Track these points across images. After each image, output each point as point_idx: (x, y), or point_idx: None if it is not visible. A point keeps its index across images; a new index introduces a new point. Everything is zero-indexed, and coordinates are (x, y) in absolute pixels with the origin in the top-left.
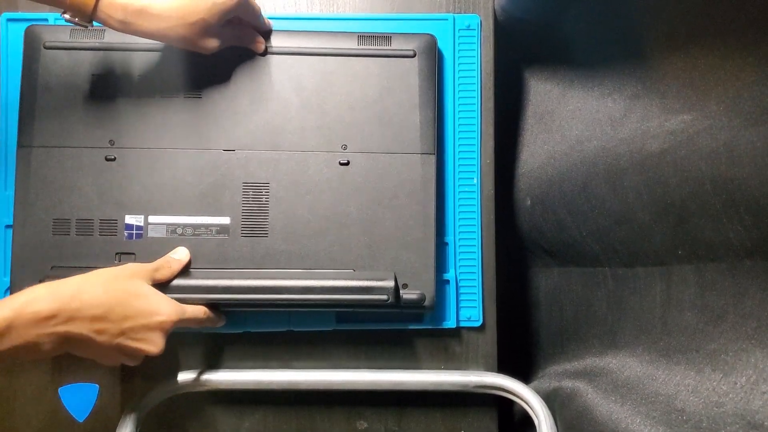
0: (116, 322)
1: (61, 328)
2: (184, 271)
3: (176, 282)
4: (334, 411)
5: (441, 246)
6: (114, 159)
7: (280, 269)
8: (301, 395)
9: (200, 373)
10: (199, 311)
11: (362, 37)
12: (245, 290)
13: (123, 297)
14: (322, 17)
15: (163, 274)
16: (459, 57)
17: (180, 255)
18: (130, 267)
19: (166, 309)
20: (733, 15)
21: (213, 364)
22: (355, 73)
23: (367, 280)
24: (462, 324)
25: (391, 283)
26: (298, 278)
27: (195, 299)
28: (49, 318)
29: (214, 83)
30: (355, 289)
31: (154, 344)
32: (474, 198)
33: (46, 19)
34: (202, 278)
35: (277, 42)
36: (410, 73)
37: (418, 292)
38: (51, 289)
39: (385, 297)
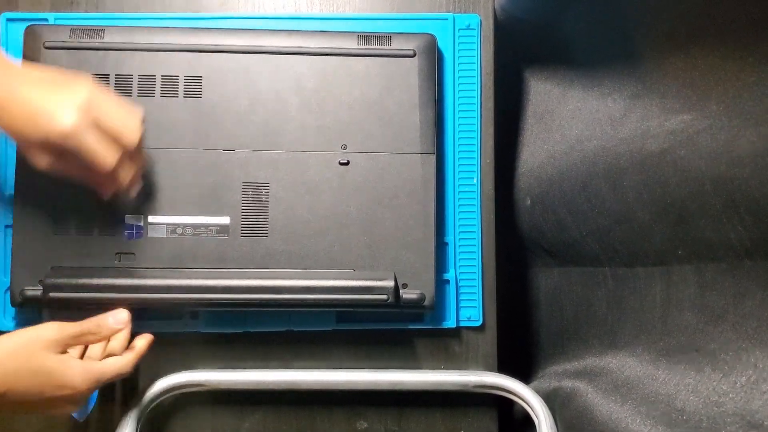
0: (18, 399)
1: None
2: (183, 271)
3: (175, 283)
4: (334, 411)
5: (441, 246)
6: None
7: (280, 269)
8: (301, 395)
9: (200, 373)
10: (123, 365)
11: (362, 36)
12: (245, 290)
13: (23, 376)
14: (321, 17)
15: (88, 340)
16: (459, 57)
17: (117, 320)
18: (41, 335)
19: (75, 382)
20: (734, 15)
21: (213, 364)
22: (355, 73)
23: (367, 279)
24: (462, 324)
25: (390, 283)
26: (298, 278)
27: (194, 299)
28: None
29: (213, 83)
30: (355, 289)
31: (69, 409)
32: (474, 198)
33: (46, 19)
34: (202, 278)
35: (277, 42)
36: (410, 73)
37: (418, 291)
38: None
39: (384, 297)
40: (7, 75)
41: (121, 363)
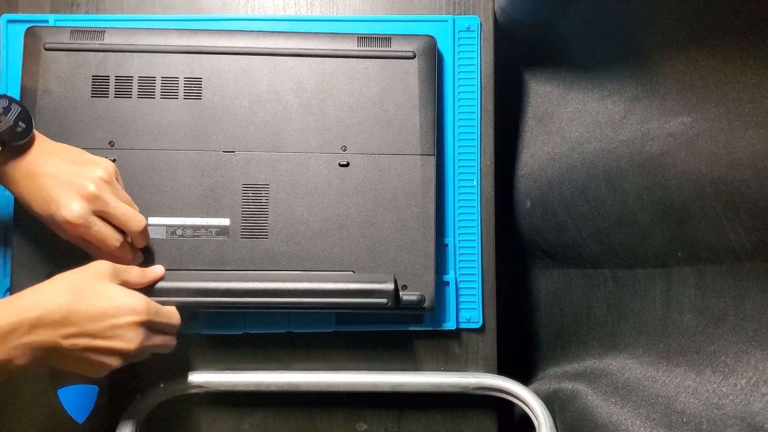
0: (79, 324)
1: (26, 339)
2: (183, 273)
3: (175, 284)
4: (334, 412)
5: (441, 247)
6: (114, 160)
7: (280, 271)
8: (301, 396)
9: (200, 375)
10: (175, 313)
11: (362, 38)
12: (245, 293)
13: (84, 297)
14: (322, 18)
15: (133, 277)
16: (459, 58)
17: (156, 269)
18: (95, 267)
19: (135, 305)
20: (734, 17)
21: (212, 366)
22: (355, 75)
23: (367, 282)
24: (462, 326)
25: (390, 286)
26: (298, 281)
27: (193, 302)
28: (11, 331)
29: (213, 84)
30: (355, 293)
31: (128, 341)
32: (474, 199)
33: (46, 21)
34: (202, 281)
35: (277, 43)
36: (410, 75)
37: (417, 293)
38: (7, 303)
39: (384, 300)
40: (35, 155)
41: (173, 311)
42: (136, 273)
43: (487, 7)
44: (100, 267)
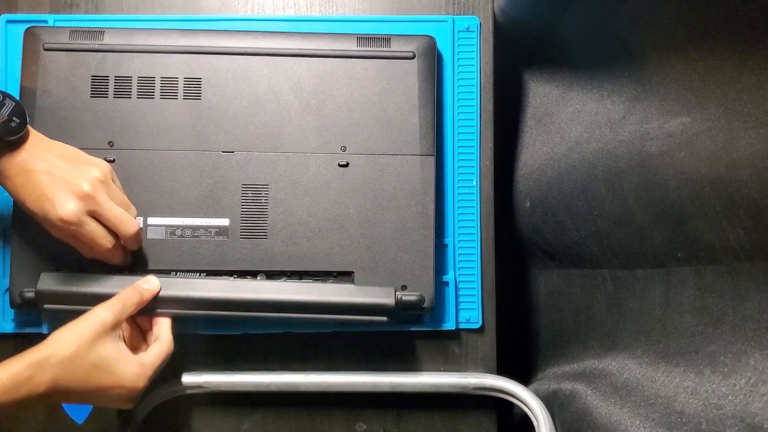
0: (79, 391)
1: (33, 404)
2: (181, 282)
3: (171, 293)
4: (334, 413)
5: (440, 247)
6: (113, 161)
7: (279, 270)
8: (301, 397)
9: (199, 375)
10: (168, 346)
11: (361, 38)
12: (243, 306)
13: (83, 373)
14: (321, 19)
15: (133, 307)
16: (458, 59)
17: (151, 285)
18: (97, 318)
19: (129, 380)
20: (733, 17)
21: (212, 366)
22: (355, 75)
23: (367, 297)
24: (461, 326)
25: (391, 302)
26: (297, 293)
27: (190, 314)
28: (19, 403)
29: (213, 84)
30: (354, 309)
31: (123, 406)
32: (473, 199)
33: (46, 21)
34: (198, 290)
35: (276, 43)
36: (409, 75)
37: (417, 293)
38: (15, 379)
39: (384, 319)
40: (30, 151)
41: (166, 345)
42: (134, 301)
43: (487, 7)
44: (101, 318)
